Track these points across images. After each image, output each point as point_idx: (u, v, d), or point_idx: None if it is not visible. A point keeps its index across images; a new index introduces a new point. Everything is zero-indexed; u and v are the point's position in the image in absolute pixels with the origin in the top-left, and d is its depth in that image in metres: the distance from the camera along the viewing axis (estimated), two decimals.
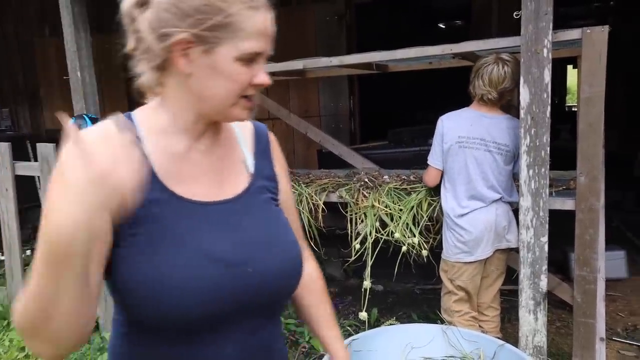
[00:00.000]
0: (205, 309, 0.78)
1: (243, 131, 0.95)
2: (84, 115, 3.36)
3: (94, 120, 3.35)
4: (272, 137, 1.00)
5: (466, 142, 2.28)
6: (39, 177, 3.29)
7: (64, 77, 3.62)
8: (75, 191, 0.61)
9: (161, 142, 0.81)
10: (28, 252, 4.91)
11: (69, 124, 0.63)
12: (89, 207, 0.62)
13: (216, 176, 0.86)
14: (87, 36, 3.48)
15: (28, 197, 4.76)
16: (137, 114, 0.84)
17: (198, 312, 0.77)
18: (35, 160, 3.23)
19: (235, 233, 0.83)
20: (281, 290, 0.88)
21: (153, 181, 0.77)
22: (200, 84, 0.77)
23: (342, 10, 4.91)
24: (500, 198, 2.29)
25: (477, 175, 2.27)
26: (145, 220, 0.75)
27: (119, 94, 5.95)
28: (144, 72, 0.80)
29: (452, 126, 2.31)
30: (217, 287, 0.78)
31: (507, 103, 2.38)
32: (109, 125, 0.77)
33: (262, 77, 0.79)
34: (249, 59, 0.77)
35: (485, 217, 2.28)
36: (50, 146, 3.13)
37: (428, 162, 2.42)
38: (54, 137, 4.33)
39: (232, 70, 0.76)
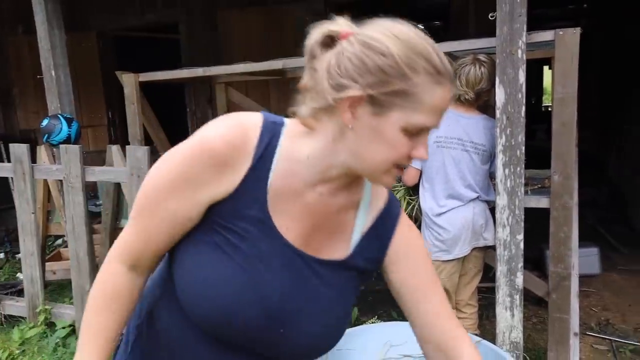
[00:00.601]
0: (240, 330, 0.79)
1: (373, 199, 0.89)
2: (58, 115, 3.30)
3: (69, 121, 3.29)
4: (402, 220, 0.91)
5: (444, 141, 2.30)
6: (12, 178, 3.21)
7: (38, 77, 3.55)
8: (188, 157, 0.75)
9: (290, 167, 0.78)
10: (1, 255, 4.80)
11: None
12: (184, 177, 0.75)
13: (316, 227, 0.83)
14: (61, 34, 3.41)
15: (1, 199, 4.65)
16: (289, 127, 0.80)
17: (235, 331, 0.79)
18: (9, 161, 3.15)
19: (297, 290, 0.81)
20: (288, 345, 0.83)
21: (261, 198, 0.77)
22: (359, 142, 0.74)
23: (321, 10, 4.92)
24: (478, 197, 2.32)
25: (455, 175, 2.30)
26: (233, 228, 0.77)
27: (96, 93, 5.84)
28: (306, 106, 0.77)
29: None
30: (247, 330, 0.78)
31: (485, 103, 2.41)
32: (257, 117, 0.79)
33: (422, 151, 0.75)
34: (416, 132, 0.73)
35: (463, 215, 2.31)
36: (23, 146, 3.06)
37: None
38: (28, 137, 4.28)
39: (396, 139, 0.73)
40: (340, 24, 0.76)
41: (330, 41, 0.75)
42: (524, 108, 2.10)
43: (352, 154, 0.75)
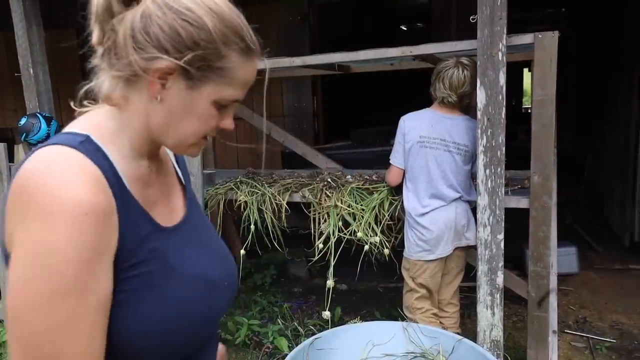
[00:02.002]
0: (208, 329, 0.80)
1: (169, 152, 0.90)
2: (37, 114, 3.24)
3: (48, 119, 3.23)
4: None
5: (427, 142, 2.32)
6: None
7: (16, 74, 3.48)
8: (76, 219, 0.58)
9: (130, 169, 0.73)
10: None
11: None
12: (94, 250, 0.60)
13: (168, 196, 0.82)
14: (39, 31, 3.36)
15: None
16: (96, 135, 0.70)
17: (204, 335, 0.79)
18: None
19: (206, 250, 0.82)
20: (233, 297, 0.88)
21: (141, 215, 0.71)
22: (169, 115, 0.71)
23: (305, 11, 4.93)
24: (460, 197, 2.35)
25: (438, 175, 2.32)
26: (143, 258, 0.69)
27: (74, 91, 5.75)
28: (105, 75, 0.71)
29: (413, 126, 2.36)
30: (215, 306, 0.79)
31: (467, 105, 2.44)
32: (75, 154, 0.65)
33: (228, 122, 0.76)
34: (225, 105, 0.74)
35: (445, 215, 2.33)
36: (0, 146, 3.00)
37: (390, 161, 2.45)
38: (5, 136, 4.19)
39: (206, 111, 0.72)
40: None
41: None
42: (504, 109, 2.14)
43: (160, 126, 0.72)
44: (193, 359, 0.79)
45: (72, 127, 0.72)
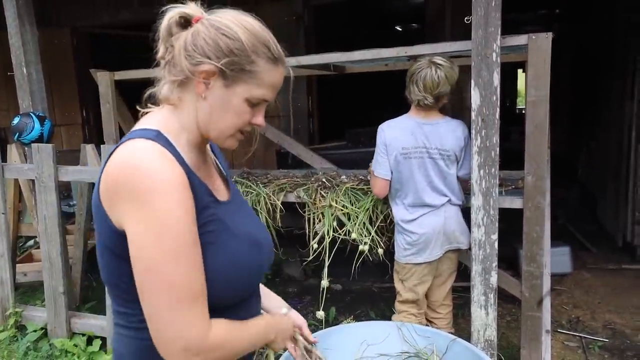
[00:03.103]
0: (256, 281, 1.04)
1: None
2: (30, 114, 3.22)
3: (41, 119, 3.22)
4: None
5: (410, 152, 2.26)
6: None
7: (9, 74, 3.46)
8: (176, 192, 0.80)
9: (189, 157, 0.92)
10: None
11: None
12: (189, 211, 0.83)
13: (215, 180, 1.02)
14: (33, 30, 3.33)
15: None
16: (163, 130, 0.90)
17: (253, 284, 1.02)
18: None
19: (253, 220, 1.06)
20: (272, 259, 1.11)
21: (204, 188, 0.91)
22: (211, 110, 0.90)
23: (300, 11, 4.92)
24: (449, 200, 2.31)
25: (424, 183, 2.27)
26: (209, 220, 0.89)
27: (70, 91, 5.72)
28: (165, 81, 0.92)
29: (394, 136, 2.28)
30: (261, 262, 1.01)
31: (444, 106, 2.35)
32: (154, 144, 0.84)
33: (260, 119, 0.95)
34: (256, 103, 0.92)
35: (433, 220, 2.29)
36: None
37: (375, 173, 2.36)
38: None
39: (240, 107, 0.91)
40: (193, 9, 0.91)
41: (184, 22, 0.89)
42: (498, 110, 2.15)
43: (204, 120, 0.92)
44: (242, 306, 0.99)
45: (142, 125, 0.91)
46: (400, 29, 10.19)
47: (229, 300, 0.94)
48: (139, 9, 5.59)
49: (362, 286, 3.78)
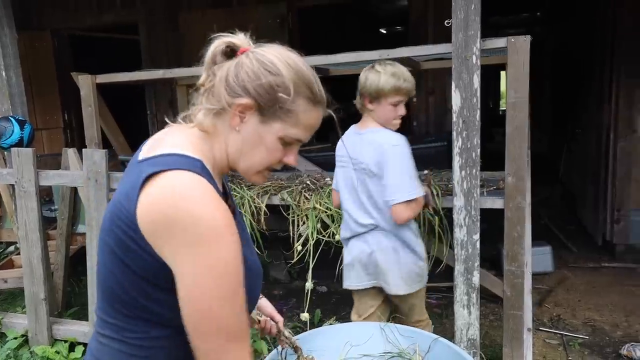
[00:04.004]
0: (253, 309, 1.09)
1: None
2: (10, 117, 3.18)
3: (21, 123, 3.17)
4: None
5: (341, 160, 2.14)
6: None
7: None
8: (231, 235, 0.79)
9: (219, 186, 0.90)
10: None
11: None
12: (240, 249, 0.82)
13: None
14: (12, 33, 3.29)
15: None
16: (202, 159, 0.87)
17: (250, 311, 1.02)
18: None
19: (252, 245, 1.07)
20: None
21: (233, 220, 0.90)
22: (243, 144, 0.89)
23: (284, 14, 4.93)
24: (376, 226, 2.03)
25: (349, 196, 2.10)
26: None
27: (51, 95, 5.64)
28: (201, 108, 0.89)
29: (339, 144, 2.15)
30: (259, 290, 1.05)
31: (358, 111, 2.11)
32: (204, 182, 0.81)
33: (292, 158, 0.94)
34: (289, 142, 0.91)
35: (357, 245, 2.09)
36: None
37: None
38: None
39: (273, 145, 0.89)
40: (240, 39, 0.90)
41: (230, 52, 0.89)
42: (478, 112, 2.18)
43: (235, 153, 0.90)
44: None
45: (181, 148, 0.86)
46: (384, 32, 10.26)
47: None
48: (122, 10, 5.55)
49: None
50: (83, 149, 2.86)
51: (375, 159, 1.97)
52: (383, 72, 1.97)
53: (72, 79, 3.21)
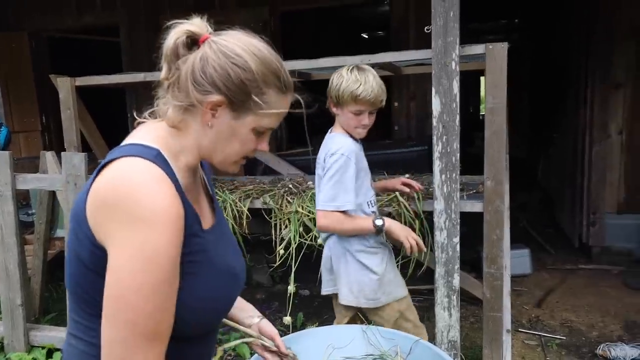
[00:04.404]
0: (225, 315, 1.05)
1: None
2: None
3: None
4: None
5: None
6: None
7: None
8: (169, 224, 0.75)
9: (184, 179, 0.89)
10: None
11: None
12: (179, 245, 0.79)
13: (202, 202, 0.99)
14: None
15: None
16: (164, 150, 0.86)
17: (221, 318, 1.02)
18: None
19: (231, 248, 1.02)
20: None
21: (194, 216, 0.87)
22: (217, 138, 0.88)
23: (267, 17, 4.94)
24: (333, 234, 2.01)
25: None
26: (195, 250, 0.85)
27: (29, 97, 5.53)
28: (167, 102, 0.88)
29: None
30: (234, 295, 1.02)
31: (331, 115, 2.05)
32: (155, 167, 0.80)
33: (264, 145, 0.94)
34: (262, 132, 0.91)
35: (324, 249, 2.09)
36: None
37: None
38: None
39: (246, 137, 0.89)
40: (198, 25, 0.88)
41: (191, 42, 0.86)
42: (458, 117, 2.22)
43: (209, 147, 0.90)
44: (203, 339, 0.97)
45: (141, 139, 0.86)
46: (366, 37, 10.35)
47: (194, 333, 0.90)
48: (102, 12, 5.49)
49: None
50: (62, 152, 2.81)
51: (321, 163, 1.98)
52: (346, 79, 1.88)
53: (50, 81, 3.16)
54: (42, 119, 5.70)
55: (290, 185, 2.75)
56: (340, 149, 1.90)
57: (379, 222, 1.91)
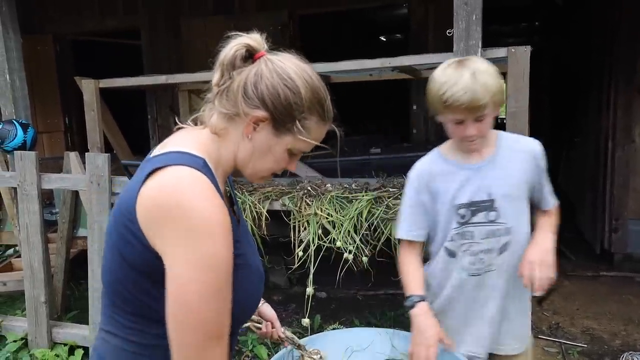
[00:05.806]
0: (254, 312, 1.19)
1: None
2: (13, 121, 3.20)
3: (24, 126, 3.19)
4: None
5: None
6: None
7: None
8: (224, 233, 0.81)
9: (221, 184, 0.94)
10: None
11: None
12: (231, 248, 0.83)
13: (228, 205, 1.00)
14: (16, 37, 3.32)
15: None
16: (207, 158, 0.89)
17: (251, 315, 1.14)
18: None
19: (255, 248, 1.07)
20: None
21: (235, 223, 0.92)
22: (253, 151, 0.93)
23: (286, 21, 4.97)
24: None
25: None
26: (237, 254, 0.87)
27: (52, 99, 5.66)
28: (212, 108, 0.92)
29: None
30: (261, 293, 1.07)
31: None
32: (204, 178, 0.83)
33: (293, 166, 1.00)
34: (296, 153, 0.96)
35: None
36: None
37: None
38: None
39: (281, 155, 0.94)
40: (256, 41, 0.92)
41: (247, 55, 0.91)
42: None
43: (244, 159, 0.94)
44: (233, 335, 0.98)
45: (183, 145, 0.89)
46: (384, 39, 10.33)
47: (237, 327, 0.97)
48: (124, 16, 5.59)
49: (347, 294, 3.80)
50: (86, 153, 2.87)
51: None
52: (436, 79, 1.47)
53: (74, 83, 3.23)
54: (65, 120, 5.82)
55: (309, 188, 2.75)
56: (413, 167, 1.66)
57: (409, 302, 1.55)
